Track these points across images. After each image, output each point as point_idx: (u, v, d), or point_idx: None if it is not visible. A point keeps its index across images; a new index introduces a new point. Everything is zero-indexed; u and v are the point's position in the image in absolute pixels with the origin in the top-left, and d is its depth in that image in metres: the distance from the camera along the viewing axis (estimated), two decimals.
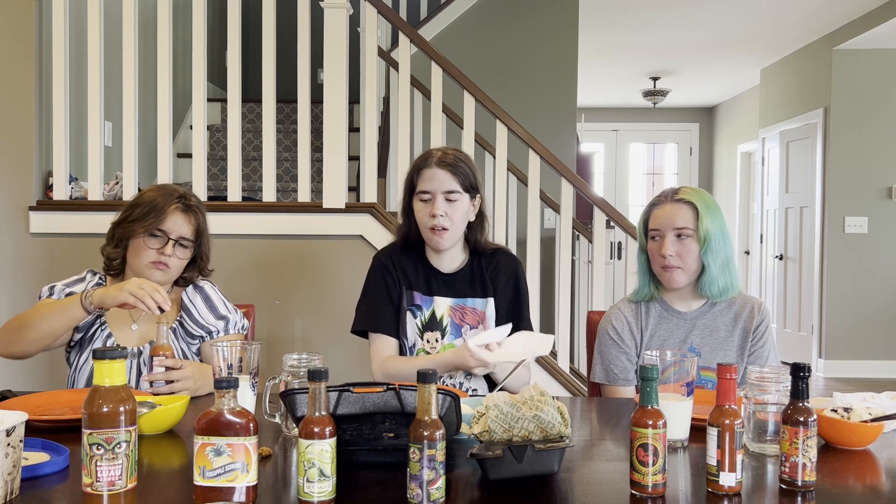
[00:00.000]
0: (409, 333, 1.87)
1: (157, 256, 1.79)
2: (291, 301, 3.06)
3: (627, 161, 9.12)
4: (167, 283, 1.86)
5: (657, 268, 1.80)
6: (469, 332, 1.85)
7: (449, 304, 1.87)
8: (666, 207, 1.79)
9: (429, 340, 1.86)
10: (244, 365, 1.41)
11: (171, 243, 1.79)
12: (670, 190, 1.84)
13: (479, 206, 1.90)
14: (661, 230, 1.77)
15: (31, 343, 1.70)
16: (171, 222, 1.80)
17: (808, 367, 1.12)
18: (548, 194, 3.88)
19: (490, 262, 1.93)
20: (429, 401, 1.01)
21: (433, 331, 1.86)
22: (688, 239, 1.75)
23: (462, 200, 1.83)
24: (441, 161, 1.82)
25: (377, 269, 1.92)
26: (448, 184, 1.81)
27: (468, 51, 4.57)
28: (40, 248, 3.01)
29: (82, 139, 3.19)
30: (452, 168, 1.82)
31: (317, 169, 4.05)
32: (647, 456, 1.06)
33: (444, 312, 1.87)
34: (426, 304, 1.88)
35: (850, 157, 5.67)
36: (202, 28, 3.04)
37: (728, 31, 5.75)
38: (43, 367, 2.99)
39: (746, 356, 1.80)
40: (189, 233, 1.83)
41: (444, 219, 1.80)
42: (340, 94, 3.02)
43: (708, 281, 1.78)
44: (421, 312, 1.88)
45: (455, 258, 1.91)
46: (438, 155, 1.84)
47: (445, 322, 1.87)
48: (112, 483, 0.97)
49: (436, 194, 1.81)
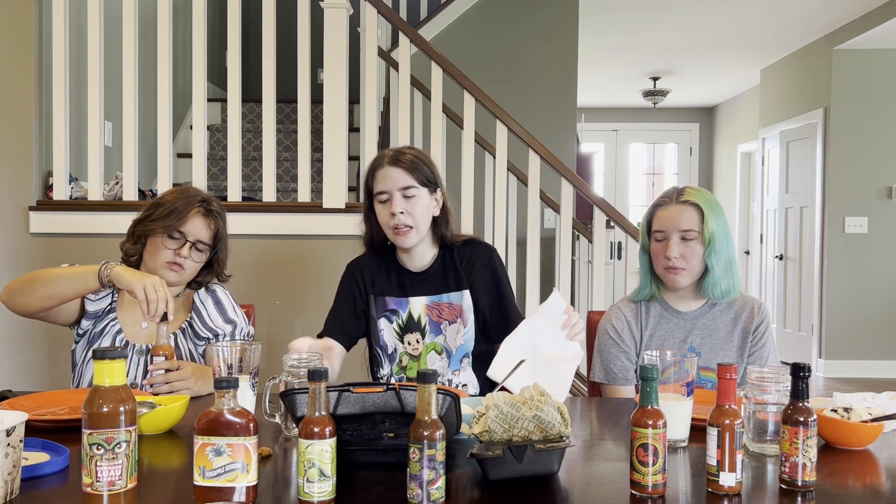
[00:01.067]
0: (387, 339, 1.86)
1: (172, 257, 1.81)
2: (291, 301, 3.06)
3: (627, 161, 9.12)
4: (180, 284, 1.88)
5: (660, 269, 1.80)
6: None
7: (424, 302, 1.85)
8: (671, 209, 1.78)
9: (409, 342, 1.85)
10: (244, 365, 1.41)
11: (187, 245, 1.81)
12: (674, 190, 1.83)
13: (441, 200, 1.87)
14: (665, 232, 1.77)
15: (36, 299, 1.70)
16: (191, 225, 1.82)
17: (808, 367, 1.12)
18: (548, 194, 3.88)
19: (463, 253, 1.89)
20: (429, 401, 1.01)
21: (412, 332, 1.85)
22: (692, 241, 1.75)
23: (420, 195, 1.80)
24: (393, 159, 1.80)
25: (344, 279, 1.93)
26: (403, 180, 1.79)
27: (468, 51, 4.57)
28: (40, 248, 3.01)
29: (82, 139, 3.19)
30: (405, 165, 1.80)
31: (317, 169, 4.05)
32: (647, 456, 1.06)
33: (421, 312, 1.85)
34: (401, 306, 1.86)
35: (850, 157, 5.67)
36: (202, 28, 3.04)
37: (728, 31, 5.75)
38: (43, 367, 3.00)
39: (746, 356, 1.80)
40: (207, 237, 1.85)
41: (404, 216, 1.78)
42: (340, 94, 3.02)
43: (711, 283, 1.78)
44: (397, 316, 1.86)
45: (425, 255, 1.88)
46: (390, 154, 1.82)
47: (424, 321, 1.85)
48: (112, 483, 0.97)
49: (392, 193, 1.78)
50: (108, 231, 2.91)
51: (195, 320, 1.88)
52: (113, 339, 1.81)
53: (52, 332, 2.76)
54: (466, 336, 1.85)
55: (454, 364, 1.84)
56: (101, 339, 1.82)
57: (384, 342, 1.87)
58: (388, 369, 1.87)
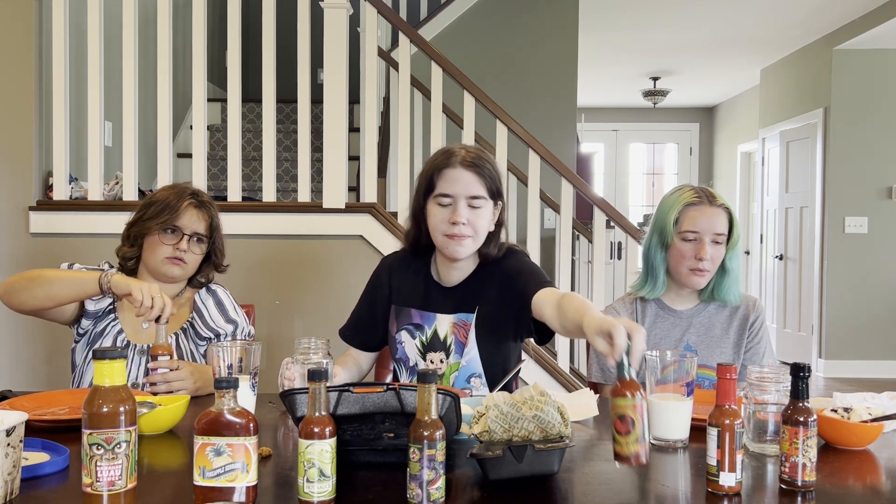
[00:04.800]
0: (407, 352, 1.73)
1: (173, 252, 1.82)
2: (291, 301, 3.06)
3: (627, 161, 9.12)
4: (183, 278, 1.89)
5: (684, 269, 1.77)
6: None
7: (451, 320, 1.69)
8: (706, 210, 1.76)
9: (433, 361, 1.70)
10: (244, 365, 1.41)
11: (185, 239, 1.83)
12: (702, 191, 1.80)
13: (499, 213, 1.70)
14: (700, 233, 1.75)
15: (35, 298, 1.69)
16: (186, 218, 1.83)
17: (808, 367, 1.12)
18: (548, 194, 3.88)
19: (495, 268, 1.71)
20: (429, 401, 1.01)
21: (436, 351, 1.70)
22: (720, 245, 1.77)
23: (486, 207, 1.63)
24: (466, 161, 1.62)
25: (373, 277, 1.81)
26: (473, 188, 1.61)
27: (468, 51, 4.57)
28: (40, 249, 3.01)
29: (82, 139, 3.19)
30: (479, 170, 1.62)
31: (317, 169, 4.05)
32: (625, 425, 1.07)
33: (448, 330, 1.69)
34: (427, 321, 1.71)
35: (850, 157, 5.67)
36: (202, 28, 3.04)
37: (728, 31, 5.75)
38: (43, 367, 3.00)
39: (742, 353, 1.82)
40: (203, 228, 1.86)
41: (465, 227, 1.60)
42: (340, 94, 3.02)
43: (727, 286, 1.80)
44: (421, 332, 1.71)
45: (465, 270, 1.72)
46: (463, 154, 1.63)
47: (450, 341, 1.69)
48: (112, 483, 0.97)
49: (458, 198, 1.60)
50: (108, 231, 2.90)
51: (196, 320, 1.88)
52: (114, 339, 1.82)
53: (53, 332, 2.76)
54: (468, 357, 1.68)
55: (460, 383, 1.70)
56: (102, 339, 1.82)
57: (404, 354, 1.73)
58: (409, 381, 1.73)
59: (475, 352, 1.69)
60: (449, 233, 1.62)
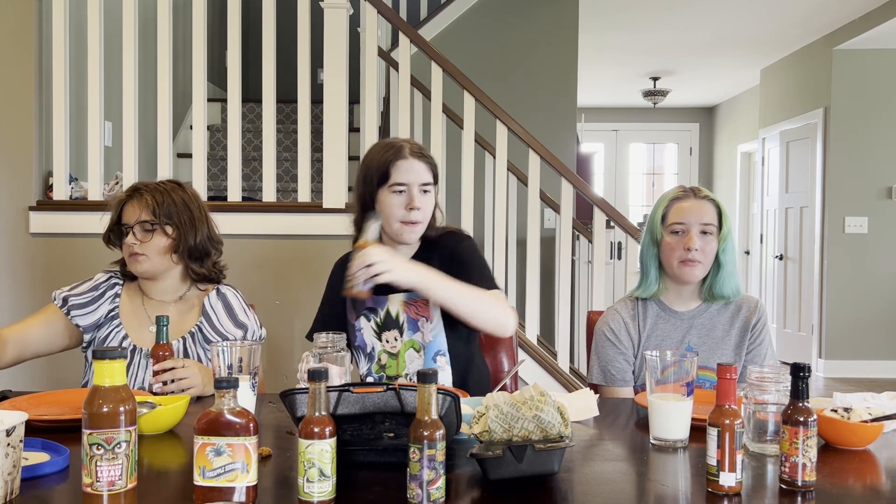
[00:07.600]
0: (366, 338, 1.83)
1: (128, 250, 1.82)
2: (291, 301, 3.06)
3: (627, 161, 9.12)
4: (154, 272, 1.84)
5: (675, 262, 1.78)
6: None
7: (402, 299, 1.80)
8: (692, 202, 1.79)
9: (388, 340, 1.81)
10: (244, 365, 1.41)
11: (131, 232, 1.81)
12: (686, 187, 1.85)
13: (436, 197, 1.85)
14: (686, 224, 1.77)
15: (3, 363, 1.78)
16: (128, 214, 1.83)
17: (808, 367, 1.12)
18: (548, 194, 3.88)
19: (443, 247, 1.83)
20: (429, 401, 1.01)
21: (390, 329, 1.81)
22: (710, 236, 1.77)
23: (432, 192, 1.79)
24: (415, 152, 1.77)
25: (329, 278, 1.93)
26: (424, 175, 1.76)
27: (468, 51, 4.57)
28: (40, 249, 3.01)
29: (82, 139, 3.19)
30: (427, 159, 1.78)
31: (317, 169, 4.05)
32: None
33: (399, 309, 1.80)
34: (380, 303, 1.81)
35: (850, 157, 5.67)
36: (202, 28, 3.04)
37: (728, 31, 5.75)
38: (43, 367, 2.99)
39: (744, 355, 1.81)
40: (146, 215, 1.81)
41: (418, 213, 1.75)
42: (340, 94, 3.02)
43: (722, 280, 1.80)
44: (375, 314, 1.82)
45: (407, 253, 1.84)
46: (410, 146, 1.78)
47: (402, 319, 1.80)
48: (112, 483, 0.97)
49: (412, 186, 1.75)
50: None
51: (205, 325, 1.85)
52: (119, 343, 1.82)
53: None
54: (434, 332, 1.79)
55: (427, 362, 1.80)
56: (107, 343, 1.83)
57: (363, 341, 1.83)
58: (367, 368, 1.83)
59: (440, 327, 1.79)
60: (406, 219, 1.76)
